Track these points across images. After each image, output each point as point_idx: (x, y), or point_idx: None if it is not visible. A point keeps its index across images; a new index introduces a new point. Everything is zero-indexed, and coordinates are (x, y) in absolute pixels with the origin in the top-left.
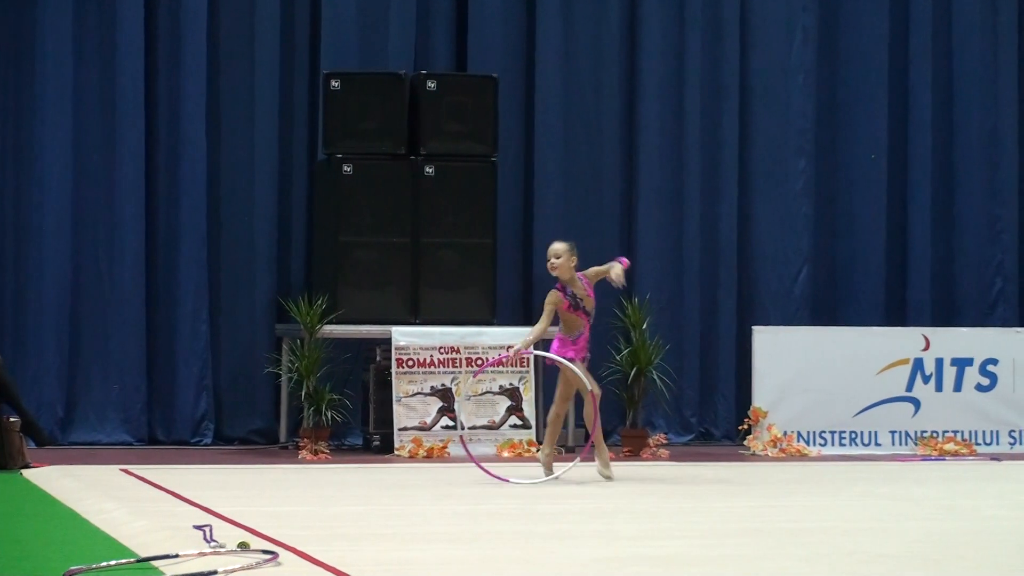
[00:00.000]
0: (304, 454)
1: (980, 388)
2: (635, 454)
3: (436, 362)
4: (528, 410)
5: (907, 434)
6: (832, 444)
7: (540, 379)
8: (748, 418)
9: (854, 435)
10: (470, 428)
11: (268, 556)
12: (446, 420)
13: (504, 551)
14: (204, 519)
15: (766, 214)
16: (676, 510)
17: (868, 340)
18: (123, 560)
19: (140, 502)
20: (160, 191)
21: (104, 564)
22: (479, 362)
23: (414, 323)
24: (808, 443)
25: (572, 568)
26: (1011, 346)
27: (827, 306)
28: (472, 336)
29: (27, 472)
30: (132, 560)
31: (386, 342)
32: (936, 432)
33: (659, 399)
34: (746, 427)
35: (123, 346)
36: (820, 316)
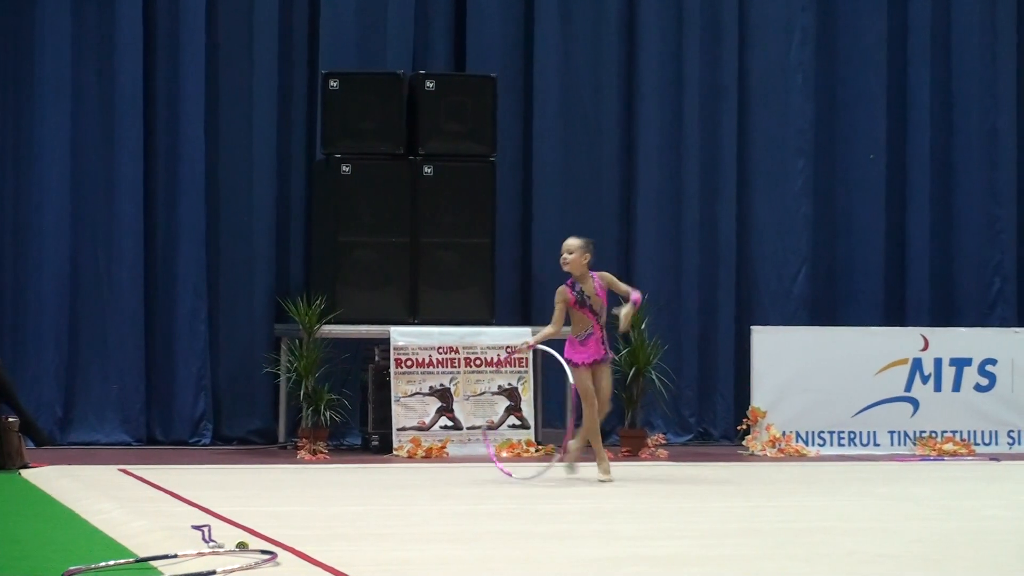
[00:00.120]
0: (303, 454)
1: (979, 388)
2: (634, 454)
3: (435, 362)
4: (527, 410)
5: (906, 434)
6: (831, 444)
7: (539, 379)
8: (747, 418)
9: (853, 435)
10: (468, 428)
11: (267, 556)
12: (445, 420)
13: (504, 551)
14: (203, 519)
15: (765, 214)
16: (676, 510)
17: (867, 340)
18: (122, 560)
19: (139, 502)
20: (159, 191)
21: (103, 564)
22: (478, 362)
23: (413, 323)
24: (807, 443)
25: (572, 568)
26: (1010, 346)
27: (826, 306)
28: (471, 336)
29: (26, 472)
30: (131, 560)
31: (385, 342)
32: (935, 432)
33: (658, 399)
34: (745, 427)
35: (122, 346)
36: (819, 316)
